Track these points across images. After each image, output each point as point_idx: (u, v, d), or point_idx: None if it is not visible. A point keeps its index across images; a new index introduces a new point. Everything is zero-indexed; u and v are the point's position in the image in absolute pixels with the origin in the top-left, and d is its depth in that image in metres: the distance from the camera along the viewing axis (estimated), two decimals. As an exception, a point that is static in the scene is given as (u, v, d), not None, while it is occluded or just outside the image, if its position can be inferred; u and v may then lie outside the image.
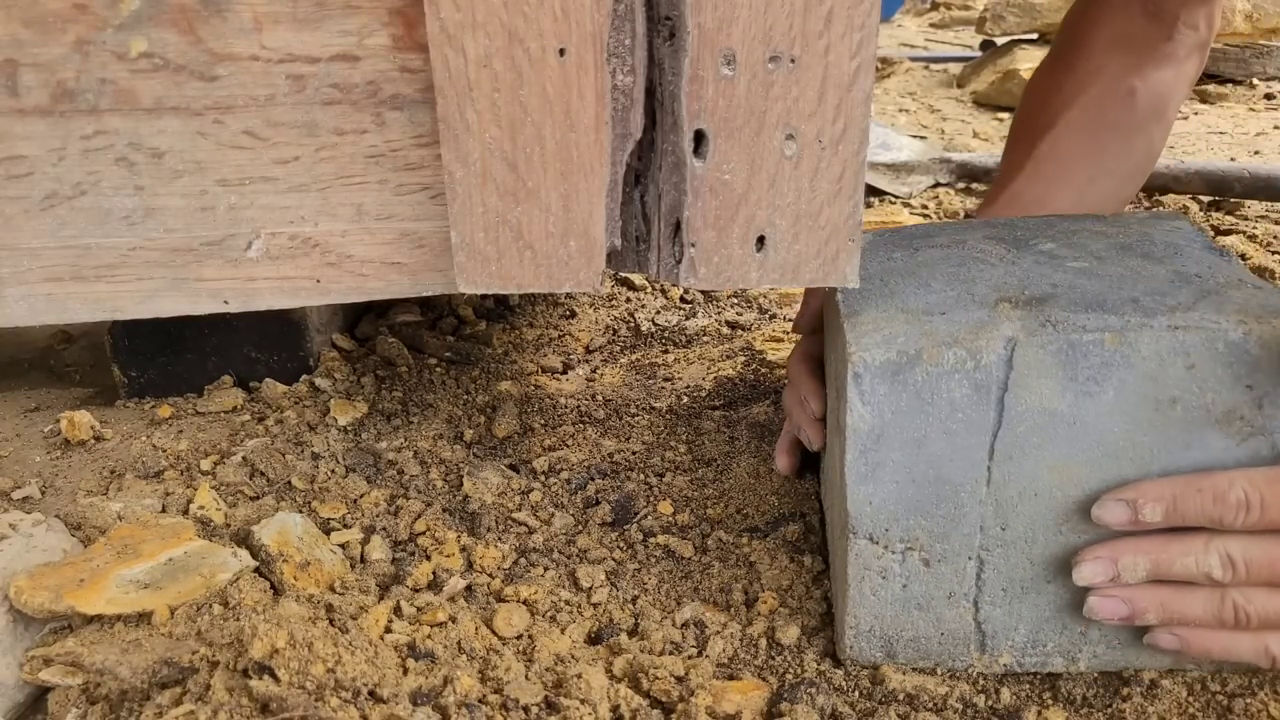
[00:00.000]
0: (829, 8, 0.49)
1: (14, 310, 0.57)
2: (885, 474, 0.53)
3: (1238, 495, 0.48)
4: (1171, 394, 0.50)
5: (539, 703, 0.51)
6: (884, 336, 0.53)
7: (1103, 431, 0.51)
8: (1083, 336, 0.50)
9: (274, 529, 0.64)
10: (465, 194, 0.53)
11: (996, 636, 0.56)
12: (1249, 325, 0.50)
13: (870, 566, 0.55)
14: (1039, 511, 0.53)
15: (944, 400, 0.52)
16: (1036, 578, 0.54)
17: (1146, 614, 0.51)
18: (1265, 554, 0.48)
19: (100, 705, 0.52)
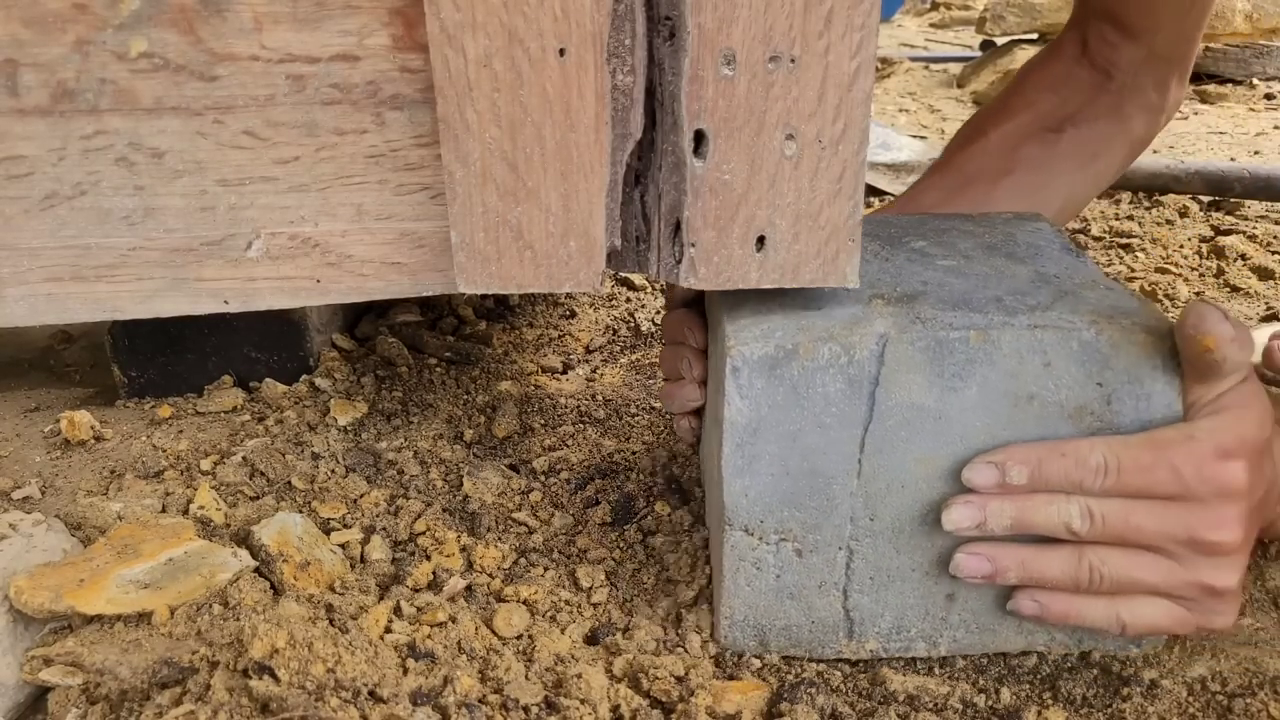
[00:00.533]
0: (829, 8, 0.49)
1: (14, 310, 0.57)
2: (761, 467, 0.54)
3: (1097, 459, 0.50)
4: (1029, 390, 0.52)
5: (539, 703, 0.51)
6: (762, 331, 0.54)
7: (966, 426, 0.53)
8: (950, 334, 0.52)
9: (274, 529, 0.64)
10: (465, 194, 0.53)
11: (864, 624, 0.58)
12: (1101, 325, 0.52)
13: (745, 558, 0.57)
14: (906, 503, 0.55)
15: (819, 394, 0.53)
16: (902, 566, 0.56)
17: (1008, 572, 0.53)
18: (1122, 511, 0.50)
19: (100, 705, 0.52)
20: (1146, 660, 0.57)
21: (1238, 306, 1.22)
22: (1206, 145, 2.10)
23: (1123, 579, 0.52)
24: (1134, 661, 0.57)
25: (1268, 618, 0.62)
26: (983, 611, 0.57)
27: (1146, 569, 0.52)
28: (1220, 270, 1.33)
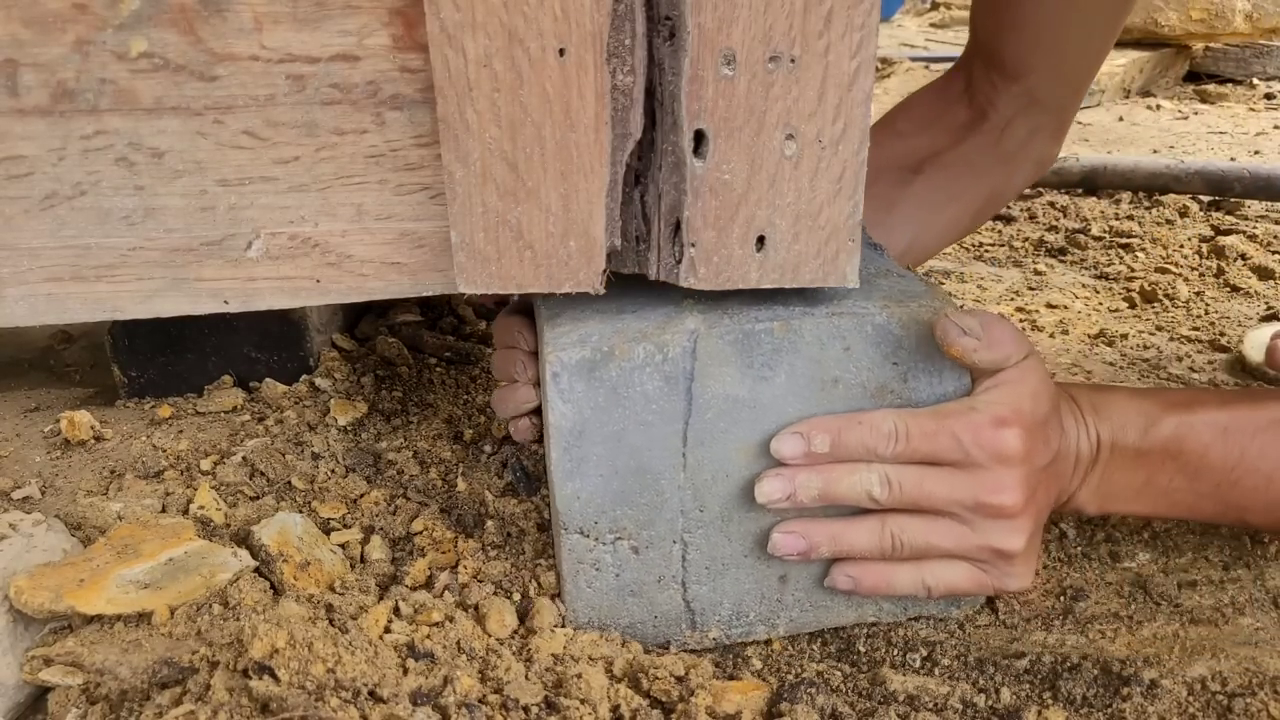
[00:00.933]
0: (829, 8, 0.49)
1: (14, 310, 0.57)
2: (590, 469, 0.55)
3: (888, 427, 0.55)
4: (834, 374, 0.55)
5: (539, 703, 0.51)
6: (579, 336, 0.55)
7: (779, 412, 0.55)
8: (755, 326, 0.54)
9: (274, 529, 0.64)
10: (465, 194, 0.53)
11: (705, 613, 0.59)
12: (891, 309, 0.55)
13: (584, 560, 0.58)
14: (731, 491, 0.56)
15: (638, 393, 0.54)
16: (735, 554, 0.58)
17: (820, 546, 0.57)
18: (915, 478, 0.55)
19: (100, 705, 0.52)
20: (1147, 660, 0.57)
21: (1237, 306, 1.22)
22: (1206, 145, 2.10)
23: (920, 544, 0.56)
24: (1134, 661, 0.57)
25: (1268, 618, 0.62)
26: (814, 589, 0.59)
27: (941, 534, 0.56)
28: (1220, 270, 1.33)
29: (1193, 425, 0.60)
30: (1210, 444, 0.60)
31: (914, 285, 0.59)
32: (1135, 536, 0.70)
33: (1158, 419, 0.60)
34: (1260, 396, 0.63)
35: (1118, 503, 0.62)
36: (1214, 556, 0.67)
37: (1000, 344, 0.54)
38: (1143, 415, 0.60)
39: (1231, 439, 0.59)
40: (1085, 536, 0.70)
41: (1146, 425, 0.60)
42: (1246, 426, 0.59)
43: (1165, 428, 0.60)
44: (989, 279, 1.33)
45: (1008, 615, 0.63)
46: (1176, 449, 0.60)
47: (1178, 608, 0.62)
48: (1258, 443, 0.59)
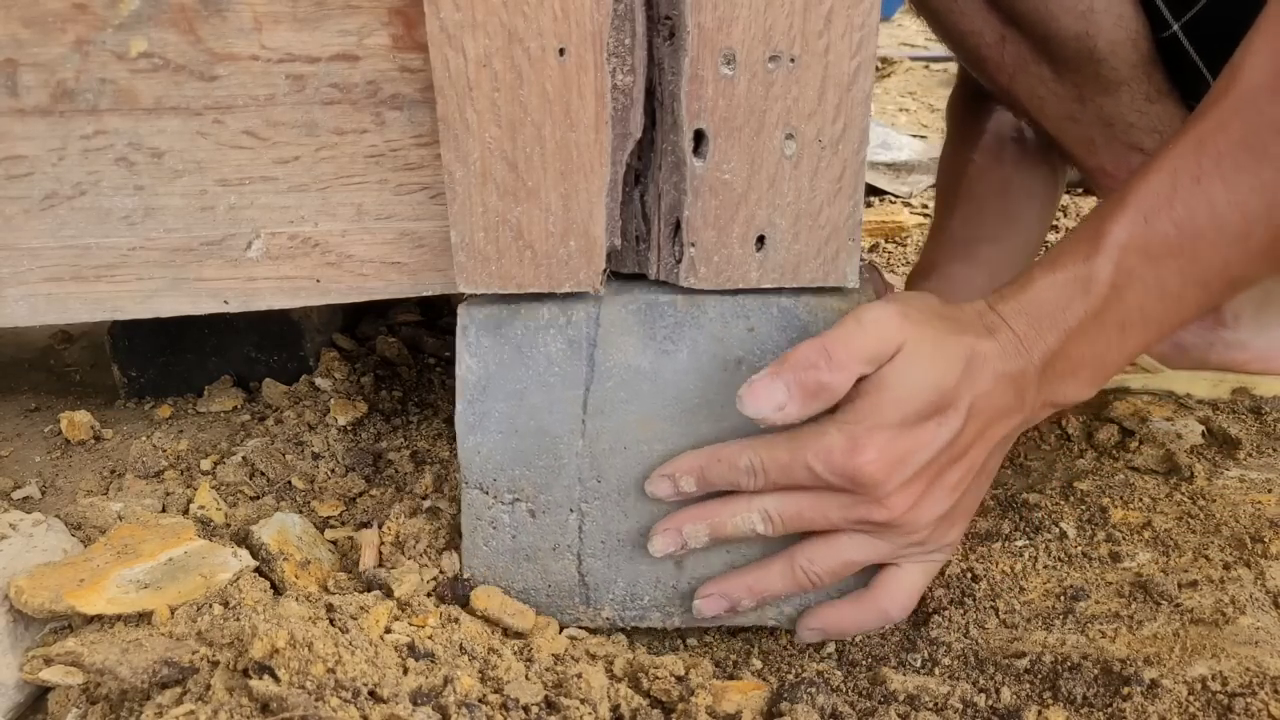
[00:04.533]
0: (829, 7, 0.49)
1: (14, 310, 0.57)
2: (491, 424, 0.56)
3: (745, 463, 0.53)
4: (737, 354, 0.55)
5: (539, 702, 0.51)
6: (489, 296, 0.55)
7: (680, 388, 0.55)
8: (659, 298, 0.54)
9: (273, 528, 0.64)
10: (465, 194, 0.53)
11: (599, 589, 0.58)
12: (802, 294, 0.54)
13: (482, 516, 0.57)
14: (629, 465, 0.56)
15: (541, 354, 0.55)
16: (631, 531, 0.57)
17: (743, 601, 0.56)
18: (794, 508, 0.54)
19: (100, 705, 0.52)
20: (1147, 660, 0.57)
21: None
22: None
23: (836, 566, 0.55)
24: (1134, 661, 0.57)
25: (1268, 617, 0.62)
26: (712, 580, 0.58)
27: (851, 550, 0.55)
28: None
29: (1113, 259, 0.54)
30: (1132, 268, 0.54)
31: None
32: (1135, 536, 0.70)
33: (1086, 279, 0.54)
34: (1127, 188, 0.56)
35: (1099, 368, 0.57)
36: (1214, 556, 0.67)
37: (832, 373, 0.51)
38: (1068, 285, 0.55)
39: (1141, 244, 0.54)
40: (1085, 536, 0.70)
41: (1074, 294, 0.54)
42: (1148, 222, 0.54)
43: (1098, 278, 0.54)
44: (989, 279, 1.33)
45: (1008, 615, 0.63)
46: (1116, 288, 0.54)
47: (1178, 607, 0.62)
48: (1171, 214, 0.54)
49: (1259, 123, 0.52)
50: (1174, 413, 0.86)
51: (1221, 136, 0.53)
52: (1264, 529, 0.69)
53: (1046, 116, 0.82)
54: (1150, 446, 0.80)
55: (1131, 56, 0.75)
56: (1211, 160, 0.53)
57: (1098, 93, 0.78)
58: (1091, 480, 0.76)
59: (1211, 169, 0.52)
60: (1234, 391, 0.89)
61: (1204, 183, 0.53)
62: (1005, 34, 0.78)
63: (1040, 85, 0.80)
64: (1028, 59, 0.79)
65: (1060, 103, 0.80)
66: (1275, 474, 0.77)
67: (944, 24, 0.82)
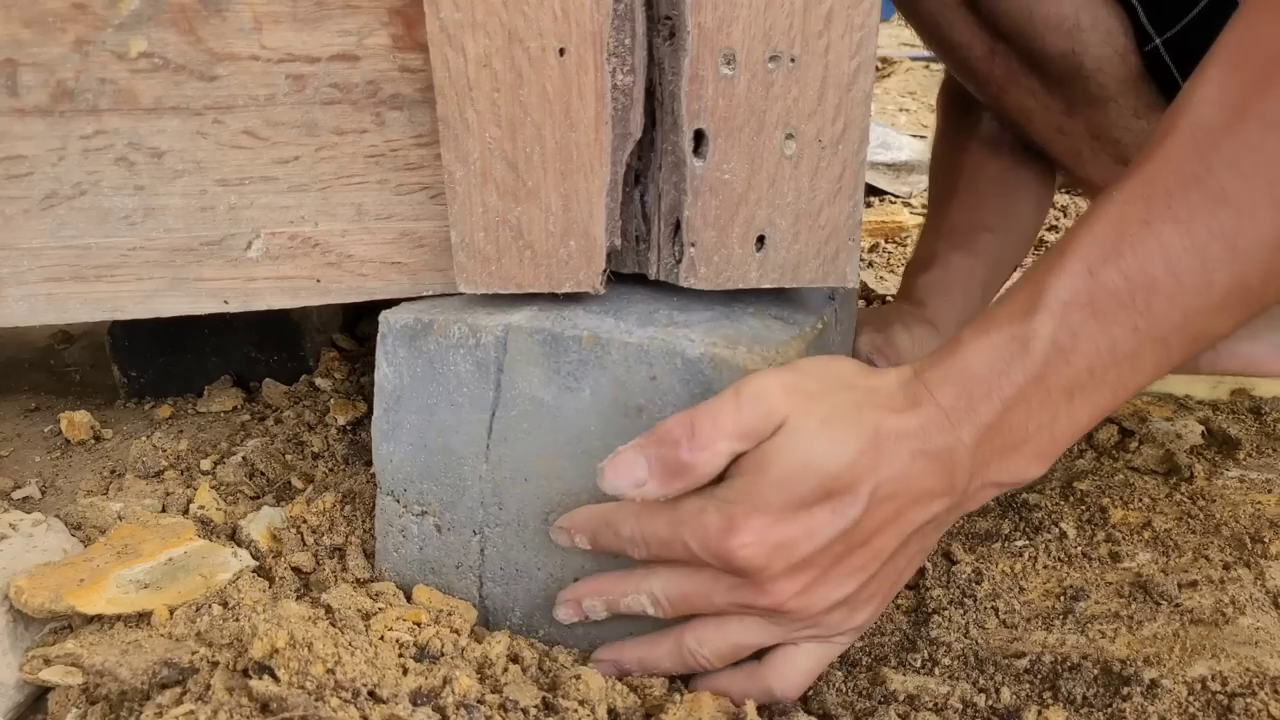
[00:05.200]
0: (829, 7, 0.49)
1: (14, 310, 0.57)
2: (403, 435, 0.56)
3: (628, 533, 0.50)
4: (638, 401, 0.52)
5: (537, 704, 0.51)
6: (420, 306, 0.56)
7: (581, 428, 0.53)
8: (566, 331, 0.53)
9: (261, 524, 0.64)
10: (465, 194, 0.53)
11: (497, 614, 0.58)
12: (714, 348, 0.51)
13: (393, 524, 0.58)
14: (529, 497, 0.55)
15: (452, 372, 0.54)
16: (529, 563, 0.56)
17: (633, 671, 0.55)
18: (680, 590, 0.51)
19: (100, 705, 0.52)
20: (1147, 660, 0.57)
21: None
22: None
23: (725, 649, 0.52)
24: (1134, 661, 0.57)
25: (1268, 618, 0.62)
26: (608, 624, 0.56)
27: (742, 633, 0.51)
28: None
29: (1055, 315, 0.48)
30: (1078, 325, 0.48)
31: (779, 332, 0.55)
32: (1135, 536, 0.70)
33: (1024, 339, 0.48)
34: (1059, 248, 0.50)
35: (1047, 441, 0.50)
36: (1214, 556, 0.67)
37: (693, 453, 0.47)
38: (1003, 347, 0.49)
39: (1087, 299, 0.48)
40: (1085, 536, 0.70)
41: (1011, 356, 0.48)
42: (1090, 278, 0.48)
43: (1038, 337, 0.48)
44: (989, 279, 1.33)
45: (1008, 615, 0.63)
46: (1060, 349, 0.48)
47: (1178, 608, 0.62)
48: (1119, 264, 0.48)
49: (1214, 159, 0.47)
50: (1174, 413, 0.86)
51: (1171, 175, 0.47)
52: (1264, 529, 0.69)
53: (1035, 128, 0.81)
54: (1150, 446, 0.80)
55: (1119, 72, 0.75)
56: (1162, 202, 0.47)
57: (1086, 107, 0.78)
58: (1091, 480, 0.76)
59: (1162, 211, 0.47)
60: (1234, 392, 0.89)
61: (1154, 226, 0.47)
62: (994, 48, 0.78)
63: (1029, 98, 0.80)
64: (1017, 72, 0.79)
65: (1049, 115, 0.80)
66: (1275, 474, 0.77)
67: (934, 35, 0.82)
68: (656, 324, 0.54)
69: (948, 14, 0.79)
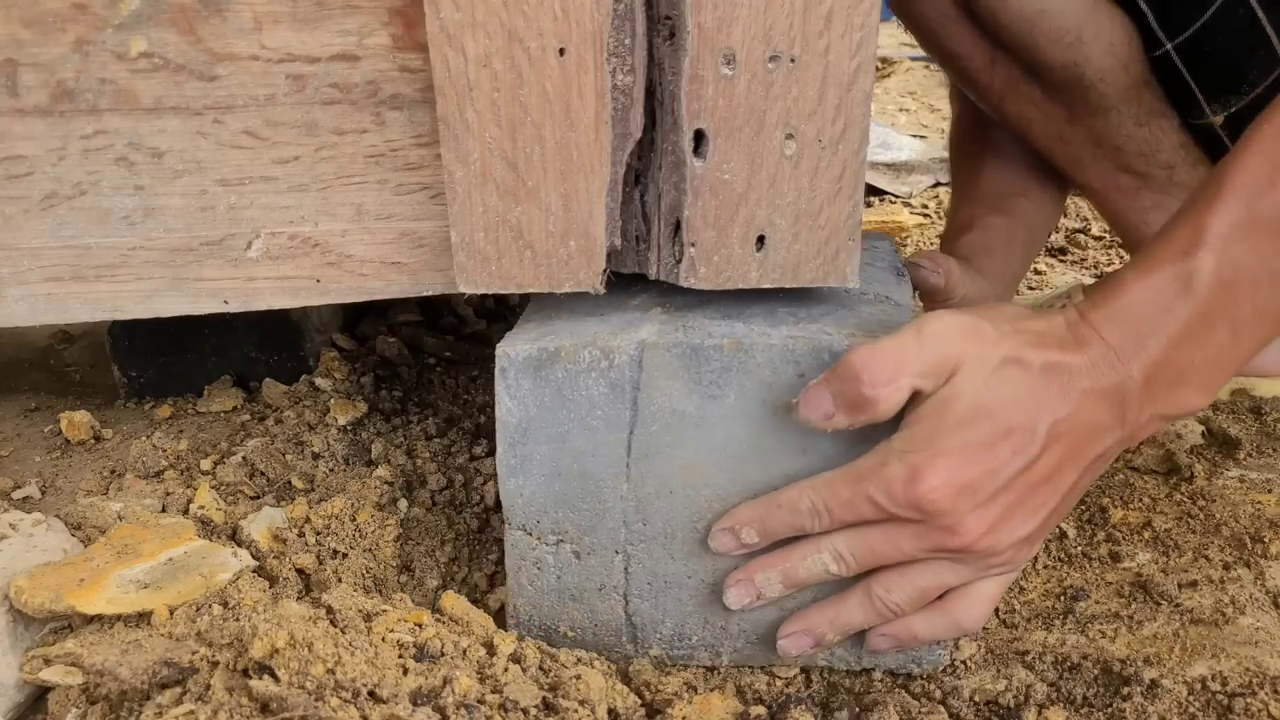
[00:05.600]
0: (829, 7, 0.49)
1: (14, 310, 0.57)
2: (533, 467, 0.55)
3: (806, 504, 0.51)
4: (786, 400, 0.52)
5: (537, 704, 0.51)
6: (535, 334, 0.55)
7: (728, 434, 0.53)
8: (705, 341, 0.53)
9: (262, 524, 0.64)
10: (465, 194, 0.53)
11: (645, 629, 0.58)
12: (855, 338, 0.52)
13: (526, 557, 0.57)
14: (675, 509, 0.55)
15: (583, 397, 0.54)
16: (678, 573, 0.56)
17: (825, 636, 0.55)
18: (864, 545, 0.52)
19: (100, 705, 0.52)
20: (1147, 660, 0.57)
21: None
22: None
23: (915, 594, 0.53)
24: (1134, 661, 0.57)
25: (1268, 617, 0.62)
26: (763, 623, 0.57)
27: (930, 576, 0.52)
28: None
29: (1215, 251, 0.50)
30: (1239, 258, 0.50)
31: (901, 315, 0.57)
32: (1135, 536, 0.70)
33: (1187, 277, 0.50)
34: (1209, 181, 0.53)
35: (1213, 373, 0.52)
36: (1214, 556, 0.67)
37: (873, 388, 0.48)
38: (1167, 285, 0.50)
39: (1246, 232, 0.50)
40: (1085, 536, 0.70)
41: (1176, 294, 0.50)
42: (1242, 213, 0.50)
43: (1201, 273, 0.50)
44: (989, 279, 1.33)
45: (1008, 615, 0.63)
46: (1223, 283, 0.50)
47: (1178, 607, 0.62)
48: (1275, 196, 0.50)
49: None
50: (1174, 413, 0.86)
51: None
52: (1264, 529, 0.69)
53: (1036, 136, 0.82)
54: (1150, 446, 0.80)
55: (1122, 81, 0.75)
56: None
57: (1087, 115, 0.78)
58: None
59: None
60: (1234, 392, 0.89)
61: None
62: (995, 57, 0.78)
63: (1030, 106, 0.80)
64: (1018, 81, 0.79)
65: (1050, 123, 0.80)
66: (1275, 474, 0.77)
67: (934, 45, 0.82)
68: (786, 322, 0.54)
69: (948, 25, 0.79)
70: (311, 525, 0.66)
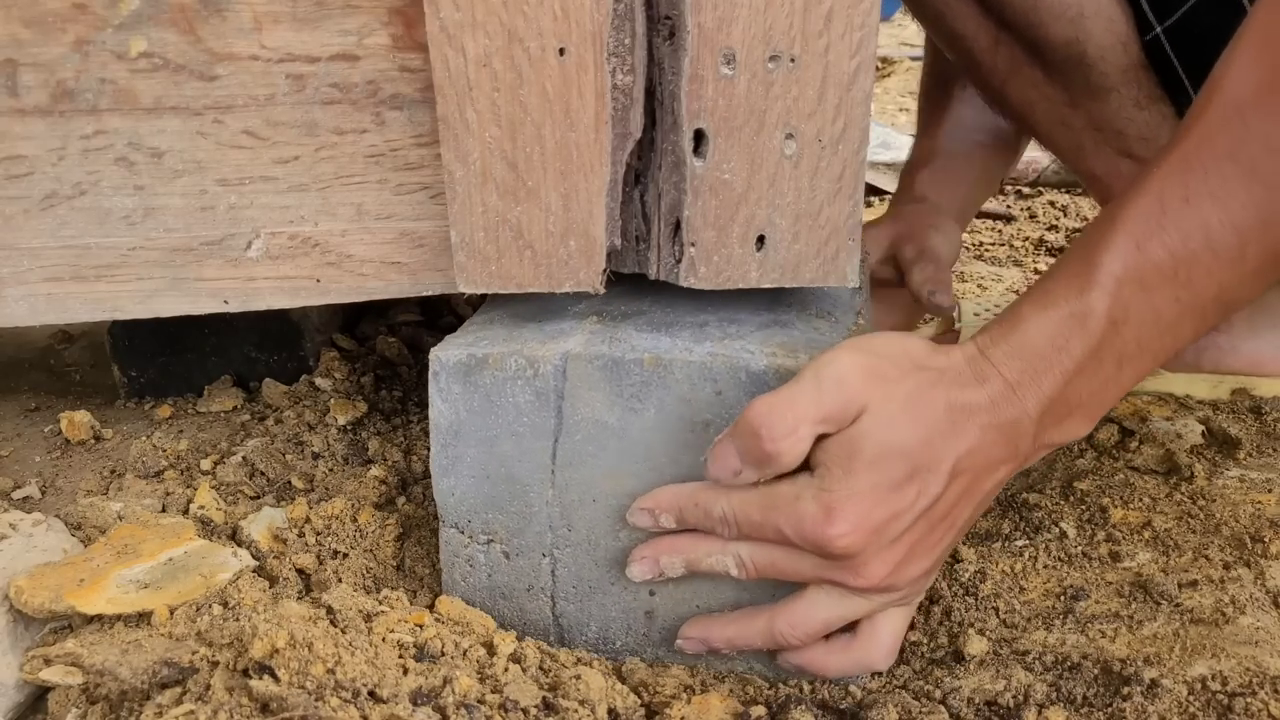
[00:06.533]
0: (829, 7, 0.49)
1: (14, 310, 0.57)
2: (463, 468, 0.56)
3: (719, 512, 0.52)
4: (704, 417, 0.53)
5: (537, 704, 0.51)
6: (471, 339, 0.55)
7: (648, 446, 0.54)
8: (626, 355, 0.53)
9: (262, 524, 0.64)
10: (465, 193, 0.53)
11: (572, 630, 0.59)
12: (776, 358, 0.52)
13: (459, 554, 0.58)
14: (598, 516, 0.56)
15: (510, 404, 0.54)
16: (601, 578, 0.57)
17: (721, 651, 0.56)
18: (767, 559, 0.52)
19: (100, 705, 0.52)
20: (1147, 660, 0.57)
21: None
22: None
23: (818, 627, 0.54)
24: (1134, 661, 0.57)
25: (1268, 617, 0.62)
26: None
27: (832, 610, 0.53)
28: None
29: (1109, 291, 0.51)
30: (1129, 299, 0.51)
31: (831, 335, 0.57)
32: (1135, 536, 0.70)
33: (1083, 315, 0.51)
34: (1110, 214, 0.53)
35: (1096, 405, 0.54)
36: (1214, 556, 0.67)
37: (776, 442, 0.48)
38: (1063, 323, 0.51)
39: (1136, 272, 0.51)
40: (1085, 536, 0.70)
41: (1071, 332, 0.51)
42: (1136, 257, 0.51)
43: (1094, 313, 0.51)
44: (989, 278, 1.33)
45: (1008, 615, 0.63)
46: (1114, 322, 0.51)
47: (1178, 607, 0.62)
48: (1163, 238, 0.51)
49: (1245, 137, 0.50)
50: (1174, 413, 0.86)
51: (1207, 153, 0.50)
52: (1264, 529, 0.69)
53: (1038, 121, 0.82)
54: (1150, 446, 0.80)
55: (1121, 61, 0.75)
56: (1199, 179, 0.50)
57: (1088, 98, 0.78)
58: (1091, 480, 0.76)
59: (1199, 188, 0.50)
60: (1234, 392, 0.89)
61: (1193, 203, 0.50)
62: (999, 38, 0.79)
63: (1032, 89, 0.80)
64: (1020, 62, 0.79)
65: (1052, 107, 0.81)
66: (1275, 474, 0.77)
67: (939, 27, 0.83)
68: (711, 338, 0.55)
69: (954, 5, 0.79)
70: (311, 525, 0.66)
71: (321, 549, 0.65)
